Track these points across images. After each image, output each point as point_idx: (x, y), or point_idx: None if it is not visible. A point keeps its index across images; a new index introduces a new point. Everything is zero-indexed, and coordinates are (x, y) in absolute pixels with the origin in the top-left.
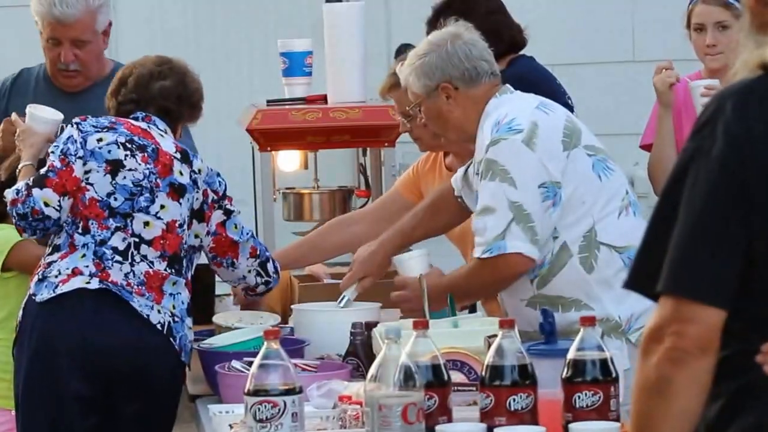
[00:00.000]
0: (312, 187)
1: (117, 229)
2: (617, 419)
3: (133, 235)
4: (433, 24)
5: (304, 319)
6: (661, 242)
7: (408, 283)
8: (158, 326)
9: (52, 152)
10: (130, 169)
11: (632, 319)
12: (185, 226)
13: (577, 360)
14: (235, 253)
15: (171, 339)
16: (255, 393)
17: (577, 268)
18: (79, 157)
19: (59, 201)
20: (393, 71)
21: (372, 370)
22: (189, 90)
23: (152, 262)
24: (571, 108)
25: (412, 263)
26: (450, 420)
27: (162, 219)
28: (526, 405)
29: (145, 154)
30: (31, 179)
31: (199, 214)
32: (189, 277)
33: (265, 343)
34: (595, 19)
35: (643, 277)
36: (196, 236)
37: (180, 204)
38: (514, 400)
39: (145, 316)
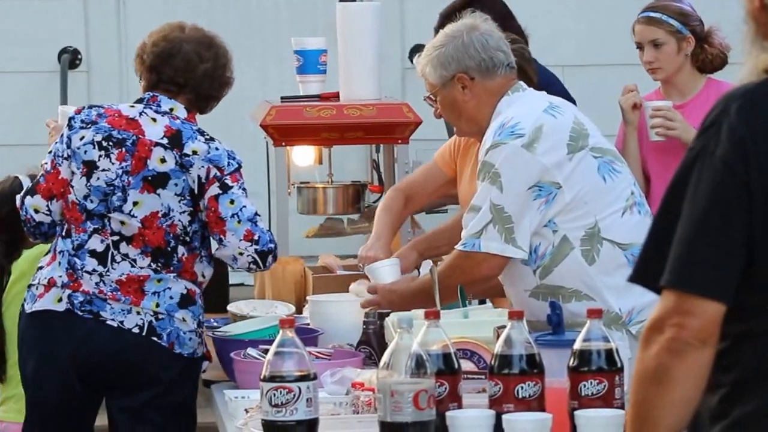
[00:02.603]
0: (326, 182)
1: (95, 231)
2: (621, 407)
3: (112, 234)
4: (442, 25)
5: (319, 309)
6: (666, 238)
7: (378, 289)
8: (135, 329)
9: (49, 152)
10: (103, 170)
11: (633, 312)
12: (173, 214)
13: (583, 350)
14: (221, 229)
15: (154, 338)
16: (271, 379)
17: (578, 260)
18: (65, 158)
19: (47, 205)
20: None
21: (384, 358)
22: (227, 75)
23: (134, 260)
24: None
25: (384, 271)
26: (460, 406)
27: (137, 216)
28: (533, 393)
29: (123, 150)
30: (28, 186)
31: (200, 191)
32: (207, 253)
33: (281, 331)
34: (598, 22)
35: (647, 272)
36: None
37: (159, 195)
38: (522, 387)
39: (118, 323)
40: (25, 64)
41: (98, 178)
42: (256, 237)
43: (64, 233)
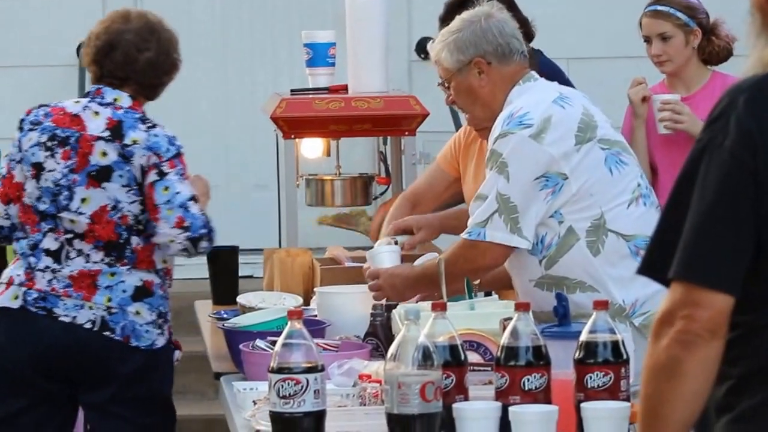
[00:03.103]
0: (334, 174)
1: (49, 230)
2: (627, 399)
3: (66, 232)
4: (445, 20)
5: (326, 301)
6: (674, 230)
7: (379, 273)
8: (87, 324)
9: (5, 155)
10: (50, 171)
11: (637, 304)
12: (121, 205)
13: (589, 342)
14: (155, 217)
15: (107, 333)
16: (279, 370)
17: (583, 251)
18: (18, 162)
19: (5, 210)
20: None
21: (391, 350)
22: (172, 60)
23: (88, 255)
24: None
25: (384, 257)
26: (466, 398)
27: (85, 213)
28: (539, 385)
29: (67, 148)
30: None
31: (143, 179)
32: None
33: (289, 323)
34: (609, 14)
35: (655, 263)
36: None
37: (105, 189)
38: (528, 379)
39: (71, 318)
40: (44, 59)
41: (46, 179)
42: (187, 223)
43: (21, 234)
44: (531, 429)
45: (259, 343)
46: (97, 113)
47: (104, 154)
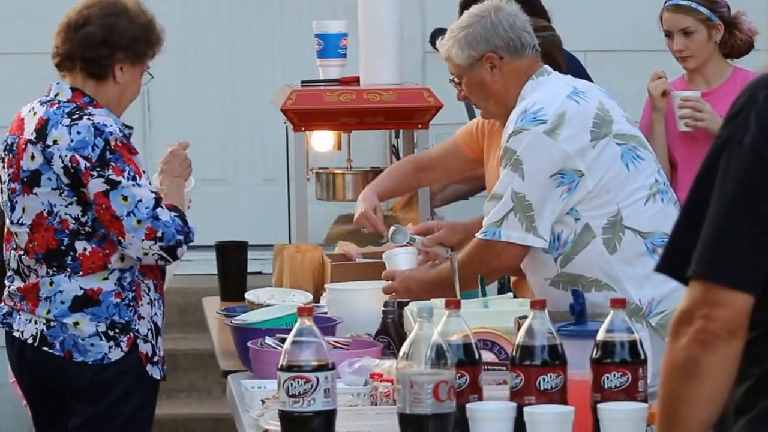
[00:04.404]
0: (345, 168)
1: (14, 248)
2: (645, 400)
3: (17, 248)
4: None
5: (337, 298)
6: (693, 227)
7: (396, 276)
8: (30, 339)
9: None
10: (3, 182)
11: (653, 303)
12: (57, 209)
13: (606, 341)
14: (119, 230)
15: (45, 348)
16: (288, 368)
17: (599, 248)
18: None
19: None
20: None
21: (404, 348)
22: (119, 31)
23: (36, 271)
24: None
25: (401, 258)
26: (480, 398)
27: (25, 223)
28: (555, 385)
29: (10, 156)
30: None
31: (76, 181)
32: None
33: (299, 319)
34: (626, 7)
35: (674, 261)
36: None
37: (37, 194)
38: (543, 379)
39: (20, 333)
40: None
41: (2, 191)
42: (159, 233)
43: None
44: (546, 430)
45: (268, 340)
46: (35, 114)
47: (33, 157)
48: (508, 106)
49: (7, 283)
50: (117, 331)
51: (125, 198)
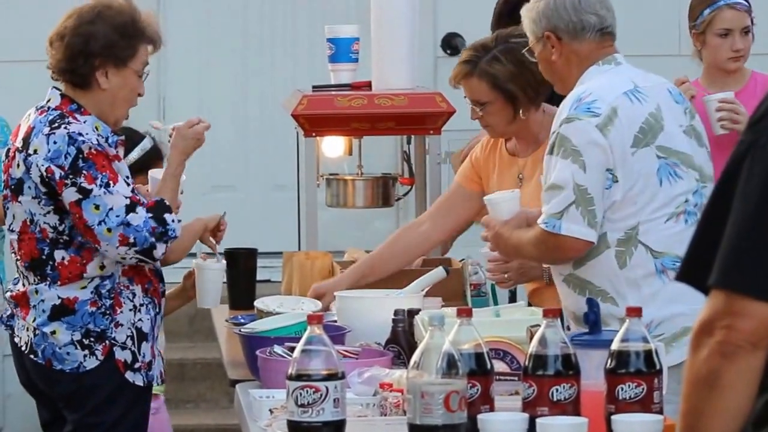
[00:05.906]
0: (356, 174)
1: (12, 252)
2: (660, 412)
3: (15, 253)
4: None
5: (346, 305)
6: (715, 235)
7: (490, 227)
8: (23, 346)
9: None
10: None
11: (652, 324)
12: (36, 218)
13: (621, 351)
14: (93, 238)
15: (32, 356)
16: (297, 378)
17: (610, 260)
18: None
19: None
20: (464, 59)
21: (415, 358)
22: (95, 38)
23: (27, 278)
24: None
25: (502, 206)
26: (492, 409)
27: (15, 230)
28: (568, 396)
29: (6, 162)
30: None
31: (52, 191)
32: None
33: (309, 328)
34: (642, 13)
35: (694, 270)
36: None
37: (21, 203)
38: (557, 390)
39: (18, 339)
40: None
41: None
42: (131, 239)
43: None
44: None
45: (277, 349)
46: (28, 120)
47: (18, 166)
48: (568, 89)
49: (11, 286)
50: (92, 339)
51: (97, 207)
